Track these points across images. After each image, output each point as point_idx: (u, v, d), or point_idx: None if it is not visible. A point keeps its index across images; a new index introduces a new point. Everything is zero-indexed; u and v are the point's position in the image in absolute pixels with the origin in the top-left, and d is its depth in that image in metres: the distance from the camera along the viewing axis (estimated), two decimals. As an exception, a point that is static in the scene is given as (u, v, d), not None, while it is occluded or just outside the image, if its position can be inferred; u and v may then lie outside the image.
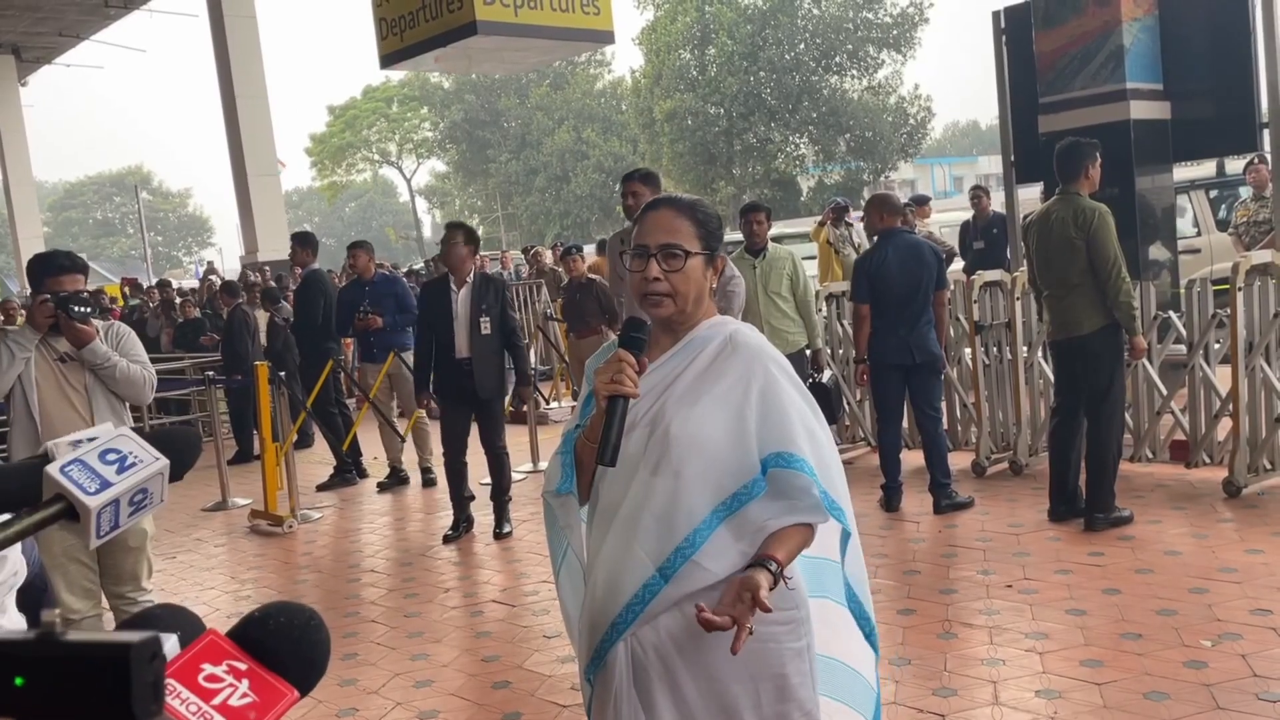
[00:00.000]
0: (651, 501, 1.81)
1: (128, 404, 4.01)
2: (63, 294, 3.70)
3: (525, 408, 7.25)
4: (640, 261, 1.86)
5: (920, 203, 11.73)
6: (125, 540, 3.81)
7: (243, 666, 0.77)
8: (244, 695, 0.75)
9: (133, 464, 0.89)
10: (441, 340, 5.98)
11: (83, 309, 3.72)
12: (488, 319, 5.91)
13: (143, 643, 0.66)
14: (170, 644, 0.76)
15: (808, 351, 6.15)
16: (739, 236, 6.53)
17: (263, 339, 9.63)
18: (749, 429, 1.80)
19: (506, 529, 6.08)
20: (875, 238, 5.87)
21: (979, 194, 10.61)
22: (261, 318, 9.98)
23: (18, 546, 1.98)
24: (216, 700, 0.73)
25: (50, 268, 3.73)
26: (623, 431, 1.75)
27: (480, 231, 53.21)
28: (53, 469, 0.87)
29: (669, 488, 1.80)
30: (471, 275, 6.01)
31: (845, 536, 1.90)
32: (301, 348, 8.33)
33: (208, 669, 0.75)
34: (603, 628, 1.85)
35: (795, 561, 1.85)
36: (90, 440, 0.95)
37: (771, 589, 1.70)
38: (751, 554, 1.77)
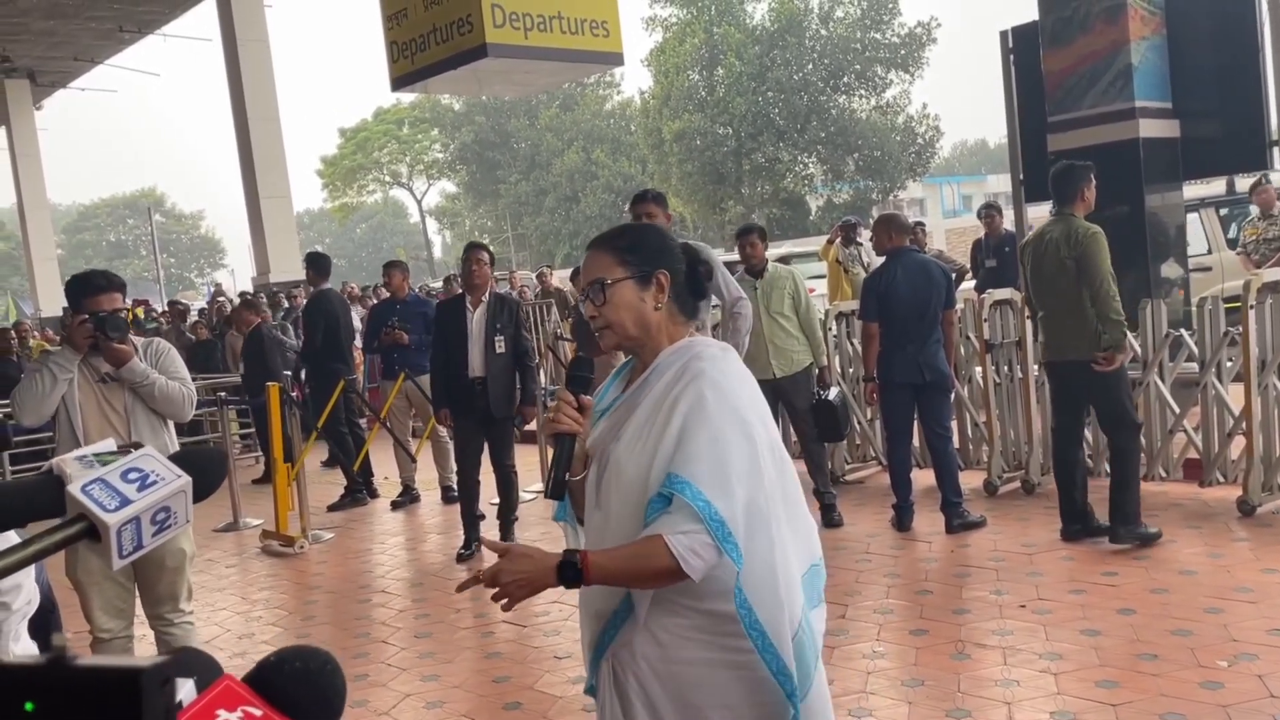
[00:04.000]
0: (606, 531, 1.84)
1: (170, 422, 3.98)
2: (101, 314, 3.69)
3: (531, 426, 7.25)
4: (586, 305, 1.95)
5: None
6: (162, 560, 3.79)
7: (258, 713, 0.77)
8: None
9: (154, 482, 0.90)
10: (455, 359, 6.01)
11: (119, 329, 3.72)
12: (502, 338, 5.97)
13: (154, 669, 0.66)
14: (186, 689, 0.76)
15: (814, 370, 6.15)
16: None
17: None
18: (662, 455, 1.76)
19: None
20: (884, 257, 5.88)
21: (991, 213, 10.53)
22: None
23: (31, 576, 1.99)
24: None
25: (88, 288, 3.73)
26: (568, 467, 1.85)
27: (490, 252, 53.48)
28: (74, 488, 0.87)
29: (610, 517, 1.84)
30: (487, 295, 6.06)
31: (736, 560, 1.70)
32: (311, 369, 8.36)
33: (223, 715, 0.75)
34: (591, 646, 1.92)
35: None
36: (96, 454, 0.95)
37: (568, 585, 1.72)
38: None
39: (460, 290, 6.39)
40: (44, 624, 2.61)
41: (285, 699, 0.79)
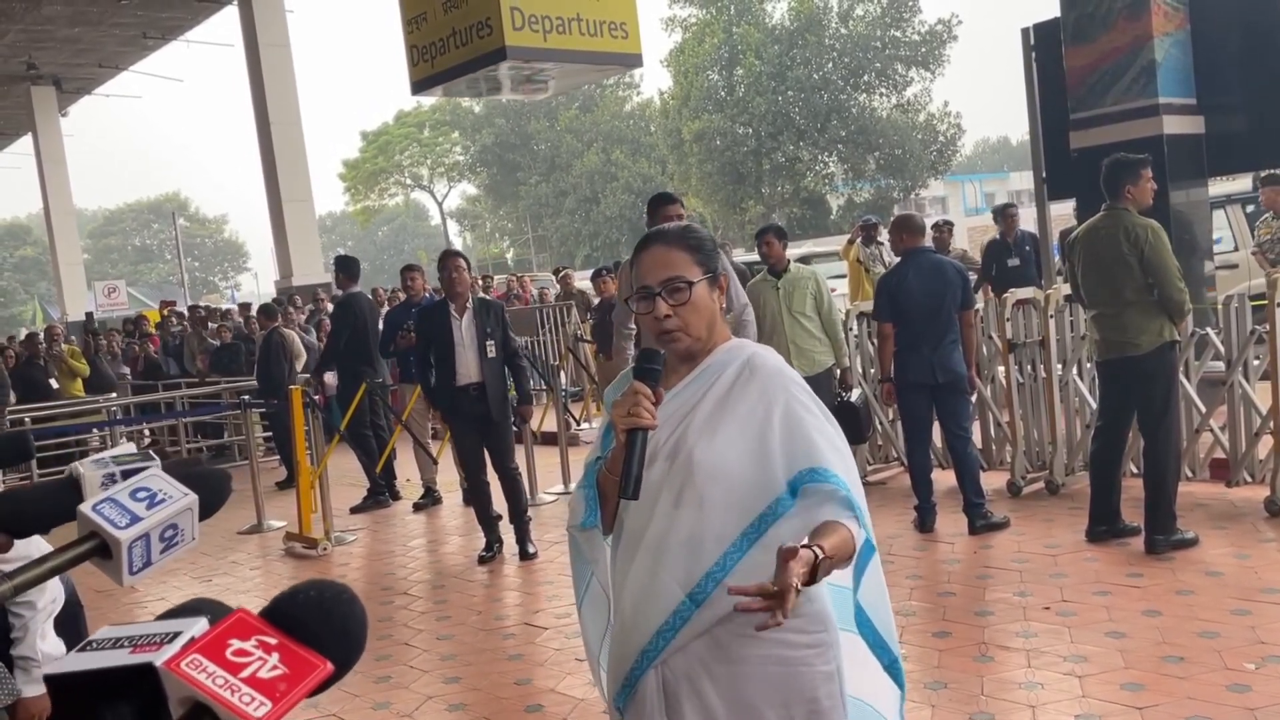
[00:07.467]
0: (677, 529, 1.79)
1: None
2: None
3: (541, 427, 7.27)
4: (647, 303, 1.84)
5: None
6: None
7: (272, 641, 0.76)
8: (273, 668, 0.74)
9: (162, 500, 0.91)
10: (445, 367, 6.03)
11: None
12: (493, 342, 6.00)
13: None
14: (199, 625, 0.77)
15: (836, 371, 6.12)
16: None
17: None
18: (772, 451, 1.78)
19: (531, 550, 6.10)
20: (899, 257, 5.85)
21: (1011, 210, 10.38)
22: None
23: (56, 578, 2.01)
24: (244, 673, 0.73)
25: None
26: (644, 464, 1.74)
27: (511, 253, 53.42)
28: (85, 508, 0.89)
29: (694, 515, 1.79)
30: (471, 301, 6.09)
31: (868, 549, 1.80)
32: (337, 371, 8.42)
33: (235, 644, 0.75)
34: (633, 656, 1.85)
35: (823, 588, 1.82)
36: (114, 457, 0.97)
37: (812, 577, 1.59)
38: None
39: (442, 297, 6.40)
40: (70, 622, 2.65)
41: (301, 629, 0.78)
